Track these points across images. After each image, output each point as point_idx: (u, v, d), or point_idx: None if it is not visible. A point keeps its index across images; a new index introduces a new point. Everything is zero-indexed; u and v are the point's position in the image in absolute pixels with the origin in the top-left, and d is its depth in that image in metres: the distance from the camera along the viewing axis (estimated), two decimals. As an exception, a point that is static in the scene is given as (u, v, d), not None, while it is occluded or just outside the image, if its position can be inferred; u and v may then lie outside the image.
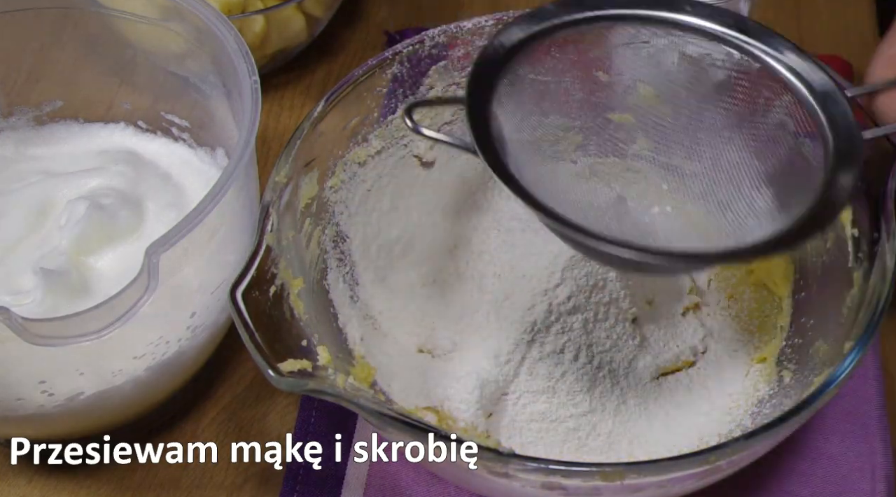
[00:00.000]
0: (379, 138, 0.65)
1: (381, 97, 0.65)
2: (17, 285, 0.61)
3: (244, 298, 0.52)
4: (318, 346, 0.54)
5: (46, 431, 0.61)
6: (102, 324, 0.52)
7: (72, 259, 0.61)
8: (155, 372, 0.59)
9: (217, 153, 0.68)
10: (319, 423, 0.64)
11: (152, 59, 0.69)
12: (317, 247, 0.62)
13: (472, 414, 0.60)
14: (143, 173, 0.67)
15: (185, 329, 0.59)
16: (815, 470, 0.61)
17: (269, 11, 0.78)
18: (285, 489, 0.62)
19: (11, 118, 0.71)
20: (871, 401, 0.63)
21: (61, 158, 0.69)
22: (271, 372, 0.50)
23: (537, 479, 0.51)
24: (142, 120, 0.71)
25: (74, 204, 0.63)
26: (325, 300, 0.62)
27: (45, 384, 0.56)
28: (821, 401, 0.51)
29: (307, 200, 0.61)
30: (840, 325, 0.56)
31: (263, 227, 0.55)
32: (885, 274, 0.55)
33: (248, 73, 0.59)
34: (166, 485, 0.63)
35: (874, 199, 0.57)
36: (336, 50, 0.86)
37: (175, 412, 0.65)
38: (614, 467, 0.50)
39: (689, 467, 0.50)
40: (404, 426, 0.50)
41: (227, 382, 0.67)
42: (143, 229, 0.64)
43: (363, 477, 0.62)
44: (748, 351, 0.64)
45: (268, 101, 0.80)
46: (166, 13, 0.64)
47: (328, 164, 0.63)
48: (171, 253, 0.53)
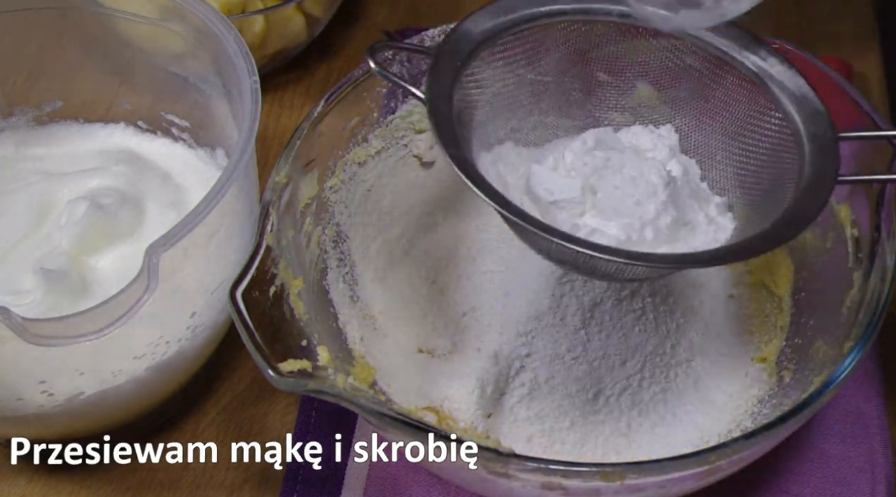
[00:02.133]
0: (379, 138, 0.66)
1: (381, 97, 0.65)
2: (17, 285, 0.61)
3: (244, 298, 0.52)
4: (318, 346, 0.54)
5: (46, 431, 0.61)
6: (102, 324, 0.52)
7: (72, 259, 0.61)
8: (155, 372, 0.59)
9: (217, 153, 0.68)
10: (319, 423, 0.64)
11: (152, 59, 0.69)
12: (317, 247, 0.62)
13: (472, 414, 0.60)
14: (143, 173, 0.67)
15: (185, 329, 0.59)
16: (814, 470, 0.61)
17: (269, 11, 0.78)
18: (285, 489, 0.62)
19: (11, 118, 0.71)
20: (871, 401, 0.63)
21: (61, 158, 0.69)
22: (271, 372, 0.50)
23: (537, 479, 0.51)
24: (142, 120, 0.71)
25: (74, 204, 0.63)
26: (325, 300, 0.62)
27: (45, 384, 0.56)
28: (821, 401, 0.51)
29: (307, 200, 0.61)
30: (840, 325, 0.56)
31: (263, 227, 0.55)
32: (885, 274, 0.55)
33: (248, 73, 0.59)
34: (166, 485, 0.63)
35: (874, 199, 0.57)
36: (336, 50, 0.86)
37: (175, 412, 0.65)
38: (614, 467, 0.50)
39: (689, 467, 0.51)
40: (404, 426, 0.50)
41: (227, 382, 0.67)
42: (143, 229, 0.64)
43: (363, 477, 0.62)
44: (748, 351, 0.64)
45: (268, 101, 0.80)
46: (166, 13, 0.64)
47: (328, 164, 0.63)
48: (171, 253, 0.53)
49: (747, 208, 0.58)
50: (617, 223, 0.55)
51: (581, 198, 0.55)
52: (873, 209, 0.57)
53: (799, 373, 0.59)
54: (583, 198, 0.56)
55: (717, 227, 0.57)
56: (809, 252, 0.62)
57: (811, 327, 0.60)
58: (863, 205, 0.58)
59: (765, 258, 0.65)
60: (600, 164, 0.57)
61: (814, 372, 0.56)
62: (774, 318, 0.64)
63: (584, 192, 0.56)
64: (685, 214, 0.57)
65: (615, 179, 0.56)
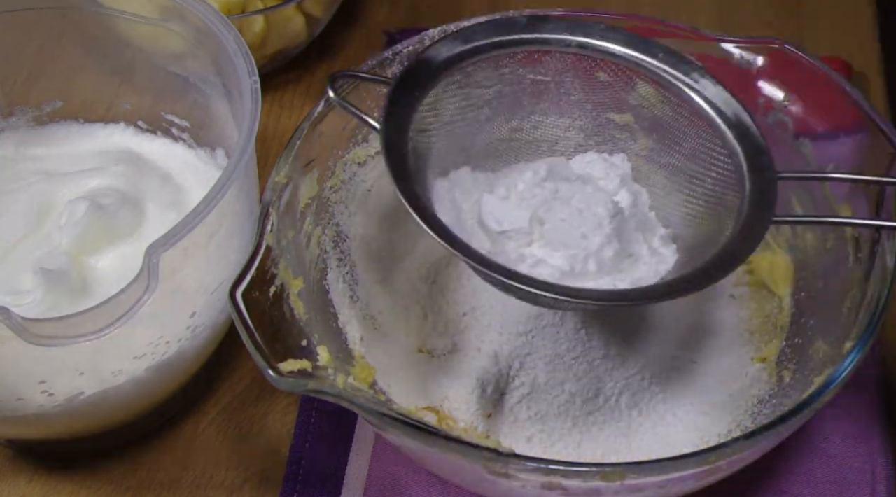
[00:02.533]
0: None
1: (381, 97, 0.64)
2: (17, 285, 0.61)
3: (244, 298, 0.52)
4: (318, 346, 0.54)
5: (46, 431, 0.61)
6: (102, 324, 0.52)
7: (72, 259, 0.61)
8: (155, 372, 0.59)
9: (217, 153, 0.68)
10: (319, 423, 0.64)
11: (152, 59, 0.69)
12: (317, 247, 0.62)
13: (472, 414, 0.60)
14: (143, 173, 0.67)
15: (185, 329, 0.59)
16: (815, 470, 0.61)
17: (269, 11, 0.78)
18: (285, 489, 0.62)
19: (11, 118, 0.71)
20: (871, 401, 0.63)
21: (61, 158, 0.69)
22: (271, 372, 0.50)
23: (537, 479, 0.51)
24: (142, 120, 0.71)
25: (74, 204, 0.63)
26: (325, 300, 0.62)
27: (45, 384, 0.56)
28: (821, 401, 0.51)
29: (307, 200, 0.61)
30: (840, 325, 0.56)
31: (263, 227, 0.55)
32: (885, 274, 0.55)
33: (248, 73, 0.59)
34: (166, 485, 0.63)
35: (874, 199, 0.57)
36: (336, 50, 0.86)
37: (175, 412, 0.65)
38: (614, 467, 0.50)
39: (689, 467, 0.50)
40: (404, 426, 0.50)
41: (227, 382, 0.67)
42: (143, 229, 0.64)
43: (363, 477, 0.62)
44: (748, 351, 0.64)
45: (268, 101, 0.80)
46: (166, 13, 0.64)
47: (328, 164, 0.63)
48: (171, 253, 0.53)
49: (690, 240, 0.59)
50: (562, 254, 0.56)
51: (529, 228, 0.57)
52: (873, 209, 0.57)
53: (799, 373, 0.59)
54: (530, 228, 0.57)
55: (660, 259, 0.58)
56: (809, 252, 0.62)
57: (811, 327, 0.60)
58: (863, 205, 0.58)
59: (765, 258, 0.65)
60: (549, 196, 0.58)
61: (814, 372, 0.56)
62: (774, 318, 0.64)
63: (531, 223, 0.57)
64: (629, 246, 0.58)
65: (563, 211, 0.57)
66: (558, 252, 0.56)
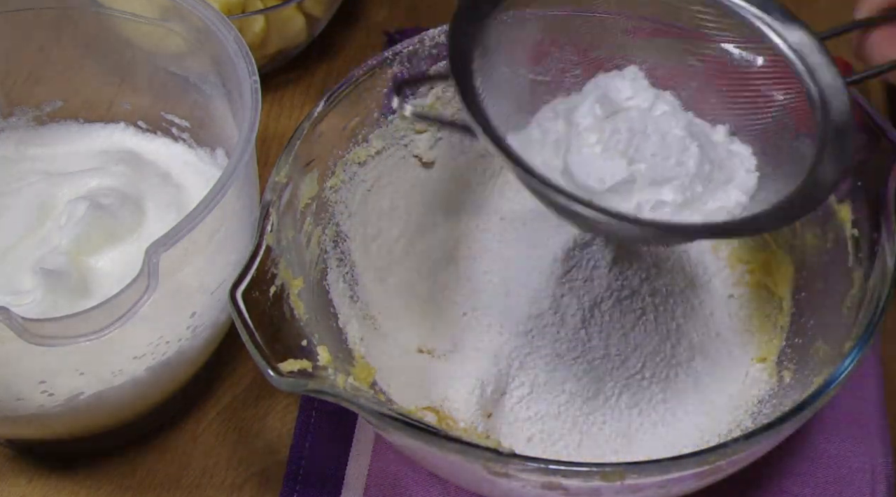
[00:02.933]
0: (379, 138, 0.65)
1: (381, 97, 0.64)
2: (17, 285, 0.61)
3: (244, 298, 0.52)
4: (318, 346, 0.54)
5: (46, 431, 0.61)
6: (102, 324, 0.52)
7: (72, 259, 0.61)
8: (155, 372, 0.59)
9: (217, 153, 0.68)
10: (319, 423, 0.64)
11: (152, 59, 0.69)
12: (317, 247, 0.62)
13: (471, 414, 0.60)
14: (143, 173, 0.67)
15: (185, 329, 0.59)
16: (815, 470, 0.61)
17: (269, 11, 0.78)
18: (285, 489, 0.62)
19: (11, 118, 0.71)
20: (871, 401, 0.63)
21: (61, 158, 0.69)
22: (271, 372, 0.50)
23: (537, 479, 0.51)
24: (142, 120, 0.71)
25: (74, 204, 0.63)
26: (325, 300, 0.62)
27: (45, 384, 0.56)
28: (821, 401, 0.51)
29: (307, 200, 0.61)
30: (840, 325, 0.56)
31: (263, 227, 0.55)
32: (885, 274, 0.55)
33: (248, 73, 0.59)
34: (166, 485, 0.63)
35: (874, 199, 0.57)
36: (336, 50, 0.86)
37: (175, 412, 0.65)
38: (614, 467, 0.50)
39: (689, 467, 0.50)
40: (404, 426, 0.50)
41: (227, 382, 0.67)
42: (143, 229, 0.64)
43: (363, 477, 0.62)
44: (748, 351, 0.64)
45: (268, 101, 0.80)
46: (166, 13, 0.64)
47: (328, 164, 0.63)
48: (171, 253, 0.53)
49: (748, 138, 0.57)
50: (669, 187, 0.54)
51: (631, 176, 0.54)
52: (873, 209, 0.57)
53: (799, 373, 0.59)
54: (632, 176, 0.54)
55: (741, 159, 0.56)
56: (809, 252, 0.62)
57: (811, 327, 0.60)
58: (863, 205, 0.58)
59: (765, 258, 0.65)
60: (625, 135, 0.55)
61: (814, 372, 0.56)
62: (774, 318, 0.64)
63: (629, 169, 0.54)
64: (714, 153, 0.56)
65: (649, 146, 0.54)
66: (664, 187, 0.54)
